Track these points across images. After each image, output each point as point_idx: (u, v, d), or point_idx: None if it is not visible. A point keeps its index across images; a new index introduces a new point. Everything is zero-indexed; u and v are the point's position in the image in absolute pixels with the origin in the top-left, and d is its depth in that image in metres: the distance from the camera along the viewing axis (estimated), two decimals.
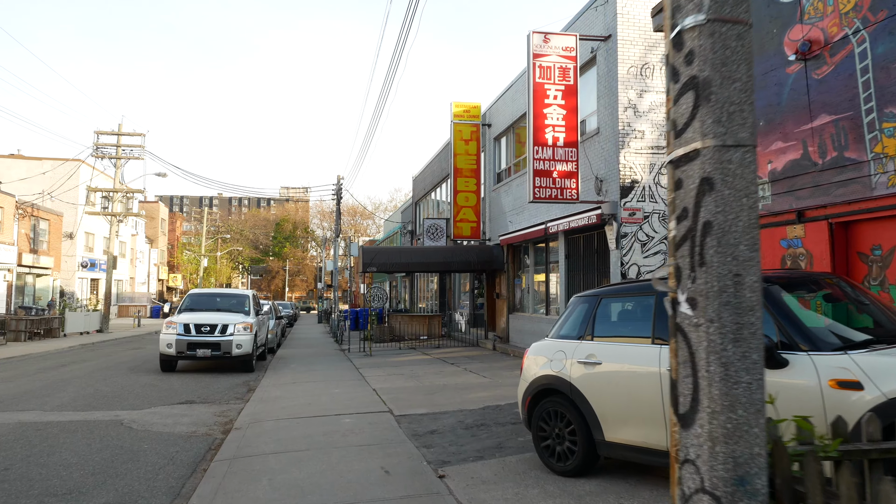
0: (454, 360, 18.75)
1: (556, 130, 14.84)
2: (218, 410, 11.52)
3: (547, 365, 6.42)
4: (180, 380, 15.72)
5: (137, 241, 72.45)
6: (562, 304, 17.77)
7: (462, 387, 13.09)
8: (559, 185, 14.75)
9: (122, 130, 40.42)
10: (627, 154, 14.75)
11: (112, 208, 40.59)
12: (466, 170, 24.76)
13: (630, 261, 14.58)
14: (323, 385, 14.17)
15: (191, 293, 19.64)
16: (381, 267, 22.20)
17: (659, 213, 14.79)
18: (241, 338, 17.24)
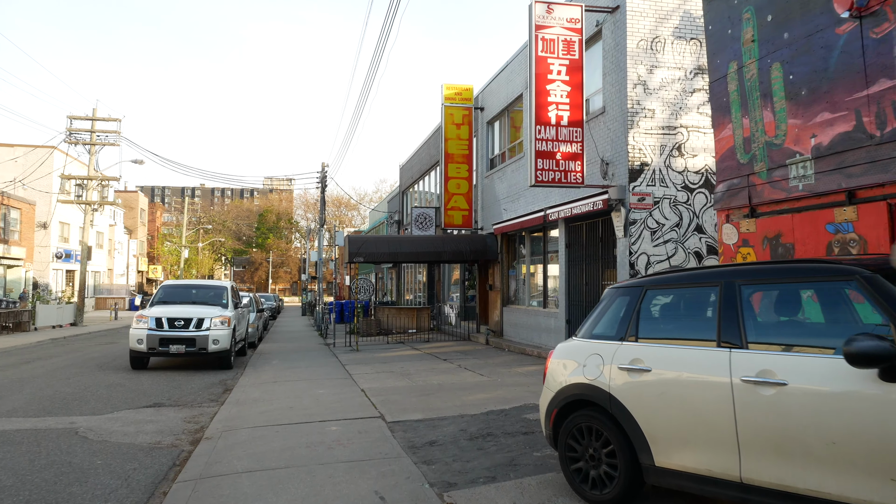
0: (446, 356, 17.62)
1: (559, 108, 13.70)
2: (189, 415, 10.31)
3: (579, 371, 5.28)
4: (151, 379, 14.48)
5: (116, 231, 70.67)
6: (562, 297, 16.69)
7: (459, 387, 11.96)
8: (563, 167, 13.62)
9: (96, 115, 38.82)
10: (636, 134, 13.64)
11: (86, 196, 39.03)
12: (458, 155, 23.59)
13: (639, 250, 13.50)
14: (306, 384, 13.00)
15: (164, 285, 18.35)
16: (368, 257, 21.02)
17: (670, 198, 13.71)
18: (218, 333, 16.01)
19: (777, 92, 8.69)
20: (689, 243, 13.74)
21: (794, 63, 8.40)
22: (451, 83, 24.04)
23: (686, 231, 13.75)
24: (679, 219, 13.74)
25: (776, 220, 8.74)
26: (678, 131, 13.86)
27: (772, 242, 8.81)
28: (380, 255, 21.26)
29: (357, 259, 20.76)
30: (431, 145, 31.55)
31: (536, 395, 10.66)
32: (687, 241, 13.73)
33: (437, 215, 29.09)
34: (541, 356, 16.70)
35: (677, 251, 13.69)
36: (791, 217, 8.49)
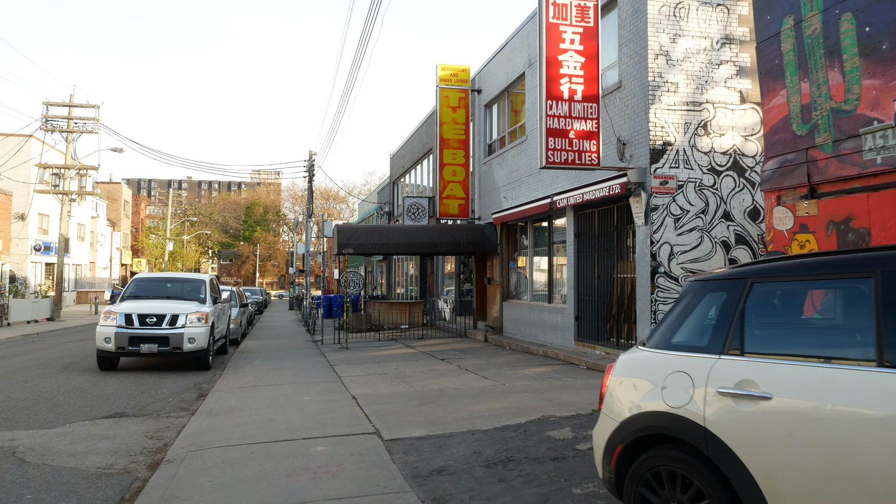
0: (444, 355, 16.24)
1: (573, 81, 12.31)
2: (152, 429, 8.89)
3: (655, 394, 3.89)
4: (118, 382, 13.03)
5: (98, 223, 68.75)
6: (570, 291, 15.33)
7: (463, 393, 10.58)
8: (577, 147, 12.24)
9: (73, 101, 37.10)
10: (658, 111, 12.27)
11: (64, 186, 37.32)
12: (454, 140, 22.16)
13: (661, 238, 12.15)
14: (290, 389, 11.58)
15: (136, 278, 16.85)
16: (358, 248, 19.58)
17: (695, 181, 12.36)
18: (195, 330, 14.55)
19: (848, 48, 7.32)
20: (715, 232, 12.40)
21: (872, 12, 7.03)
22: (446, 63, 22.60)
23: (713, 218, 12.42)
24: (705, 204, 12.39)
25: (845, 201, 7.39)
26: (704, 107, 12.50)
27: (839, 227, 7.47)
28: (371, 247, 19.85)
29: (347, 251, 19.34)
30: (424, 132, 30.10)
31: (555, 405, 9.29)
32: (713, 229, 12.40)
33: (431, 205, 27.67)
34: (546, 355, 15.36)
35: (703, 240, 12.35)
36: (866, 197, 7.14)
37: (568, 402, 9.48)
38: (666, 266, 12.13)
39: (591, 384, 11.13)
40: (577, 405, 9.16)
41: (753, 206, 12.64)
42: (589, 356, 13.92)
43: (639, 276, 12.51)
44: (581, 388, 10.81)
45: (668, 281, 12.12)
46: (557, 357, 14.86)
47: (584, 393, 10.22)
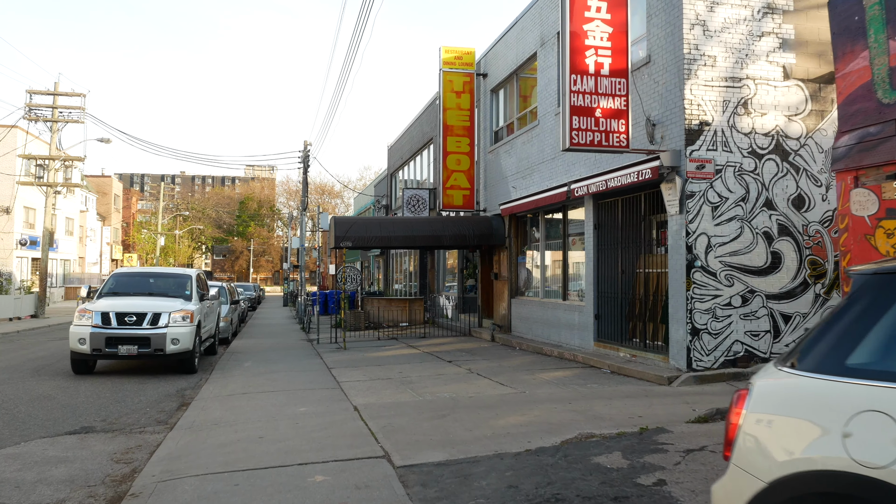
0: (450, 357, 14.99)
1: (599, 54, 11.03)
2: (122, 448, 7.60)
3: (831, 444, 2.60)
4: (92, 388, 11.73)
5: (88, 217, 67.24)
6: (589, 288, 14.08)
7: (480, 403, 9.32)
8: (604, 127, 10.97)
9: (58, 90, 35.67)
10: (695, 87, 11.01)
11: (48, 178, 35.89)
12: (458, 127, 20.86)
13: (697, 229, 10.89)
14: (284, 398, 10.31)
15: (116, 273, 15.52)
16: (357, 241, 18.28)
17: (734, 166, 11.11)
18: (179, 330, 13.25)
19: None
20: (756, 221, 11.16)
21: None
22: (449, 45, 21.33)
23: (753, 207, 11.17)
24: (745, 191, 11.14)
25: None
26: (744, 84, 11.24)
27: None
28: (370, 240, 18.55)
29: (344, 244, 18.04)
30: (425, 121, 28.79)
31: (589, 419, 8.04)
32: (754, 218, 11.15)
33: (432, 197, 26.38)
34: (563, 357, 14.11)
35: (743, 231, 11.10)
36: None
37: (604, 415, 8.22)
38: (703, 260, 10.88)
39: (621, 392, 9.88)
40: (615, 420, 7.91)
41: (798, 193, 11.40)
42: (611, 359, 12.68)
43: (671, 272, 11.26)
44: (612, 396, 9.56)
45: (706, 276, 10.87)
46: (576, 359, 13.61)
47: (619, 404, 8.97)
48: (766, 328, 11.08)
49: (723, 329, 10.90)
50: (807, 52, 11.57)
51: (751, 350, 10.99)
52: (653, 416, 8.08)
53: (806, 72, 11.54)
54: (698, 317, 10.79)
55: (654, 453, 6.12)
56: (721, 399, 9.04)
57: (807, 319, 11.30)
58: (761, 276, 11.13)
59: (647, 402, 9.08)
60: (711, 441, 6.42)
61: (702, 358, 10.77)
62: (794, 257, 11.31)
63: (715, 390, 9.88)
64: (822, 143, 11.56)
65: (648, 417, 7.97)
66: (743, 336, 10.98)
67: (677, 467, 5.65)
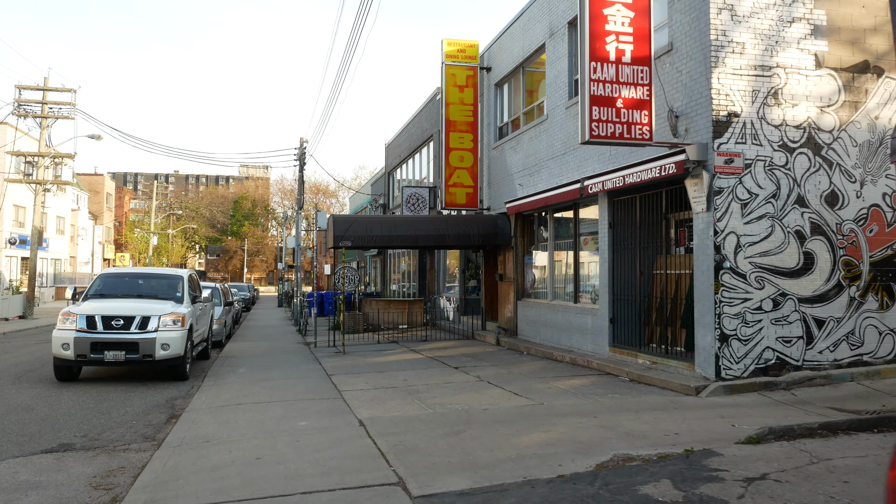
0: (456, 362, 14.24)
1: (620, 40, 10.30)
2: (102, 470, 6.82)
3: None
4: (74, 398, 10.94)
5: (79, 216, 66.25)
6: (604, 290, 13.33)
7: (497, 416, 8.56)
8: (626, 118, 10.23)
9: (48, 85, 34.77)
10: (722, 76, 10.28)
11: (37, 175, 34.98)
12: (461, 122, 20.10)
13: (726, 228, 10.16)
14: (282, 410, 9.53)
15: (102, 273, 14.71)
16: (356, 241, 17.49)
17: (764, 160, 10.38)
18: (169, 334, 12.46)
19: None
20: (788, 220, 10.43)
21: None
22: (452, 38, 20.55)
23: (785, 204, 10.44)
24: (776, 187, 10.41)
25: None
26: (774, 73, 10.52)
27: None
28: (370, 239, 17.77)
29: (344, 243, 17.26)
30: (424, 118, 28.04)
31: (621, 436, 7.28)
32: (786, 216, 10.42)
33: (432, 195, 25.63)
34: (575, 363, 13.37)
35: (773, 230, 10.36)
36: None
37: (636, 431, 7.48)
38: (731, 260, 10.14)
39: (647, 404, 9.14)
40: (651, 438, 7.16)
41: (831, 189, 10.67)
42: (630, 365, 11.94)
43: (697, 273, 10.53)
44: (639, 409, 8.82)
45: (735, 278, 10.13)
46: (590, 366, 12.87)
47: (648, 418, 8.23)
48: (799, 334, 10.35)
49: (753, 335, 10.16)
50: (839, 40, 10.86)
51: (783, 357, 10.26)
52: (690, 433, 7.34)
53: (839, 60, 10.82)
54: (727, 322, 10.05)
55: (710, 482, 5.38)
56: (760, 413, 8.32)
57: (841, 324, 10.57)
58: (793, 277, 10.40)
59: (678, 415, 8.34)
60: (772, 468, 5.67)
61: (731, 366, 10.04)
62: (827, 258, 10.59)
63: (748, 402, 9.15)
64: (855, 136, 10.85)
65: (686, 435, 7.23)
66: (774, 342, 10.25)
67: (741, 501, 4.91)
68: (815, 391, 9.72)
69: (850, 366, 10.54)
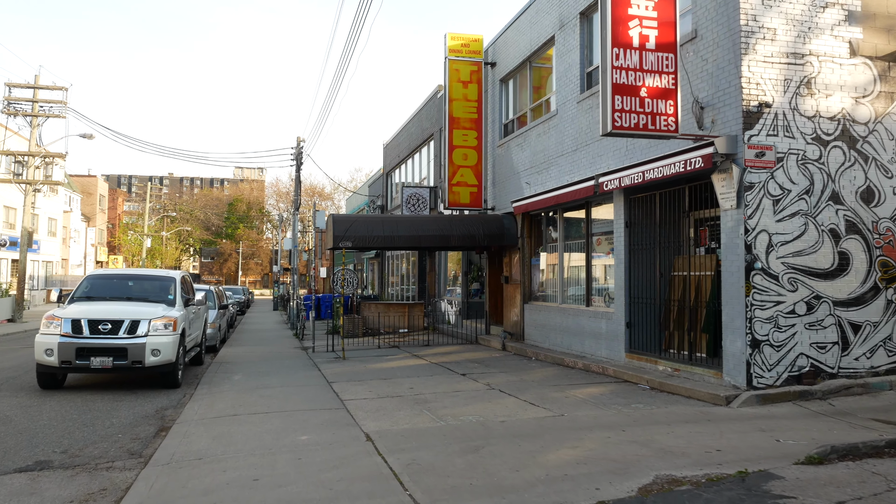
0: (462, 368, 13.54)
1: (644, 25, 9.63)
2: (81, 493, 6.10)
3: None
4: (57, 407, 10.19)
5: (72, 218, 65.30)
6: (619, 293, 12.64)
7: (516, 429, 7.85)
8: (650, 108, 9.55)
9: (38, 83, 34.00)
10: (753, 63, 9.61)
11: (27, 175, 34.18)
12: (465, 119, 19.42)
13: (757, 226, 9.48)
14: (280, 422, 8.80)
15: (90, 275, 13.96)
16: (357, 241, 16.77)
17: (797, 153, 9.71)
18: (160, 339, 11.72)
19: None
20: (821, 217, 9.77)
21: None
22: (455, 32, 19.89)
23: (818, 200, 9.78)
24: (809, 183, 9.75)
25: None
26: (806, 61, 9.86)
27: None
28: (372, 240, 17.05)
29: (344, 244, 16.54)
30: (424, 117, 27.37)
31: (658, 453, 6.59)
32: (819, 213, 9.76)
33: (433, 196, 24.96)
34: (589, 369, 12.68)
35: (807, 228, 9.70)
36: None
37: (672, 447, 6.78)
38: (763, 261, 9.47)
39: (677, 415, 8.46)
40: (691, 455, 6.47)
41: (867, 185, 10.02)
42: (649, 372, 11.26)
43: (725, 275, 9.84)
44: (669, 420, 8.13)
45: (767, 280, 9.45)
46: (606, 373, 12.18)
47: (682, 431, 7.54)
48: (834, 339, 9.68)
49: (786, 340, 9.48)
50: (875, 27, 10.21)
51: (817, 364, 9.58)
52: (733, 449, 6.65)
53: (874, 48, 10.17)
54: (759, 326, 9.37)
55: None
56: (802, 426, 7.64)
57: (878, 329, 9.91)
58: (827, 279, 9.73)
59: (713, 428, 7.65)
60: (847, 495, 4.99)
61: (763, 374, 9.36)
62: (863, 258, 9.93)
63: (784, 413, 8.47)
64: (892, 129, 10.21)
65: (729, 452, 6.54)
66: (808, 348, 9.57)
67: None
68: (854, 401, 9.05)
69: (887, 373, 9.88)
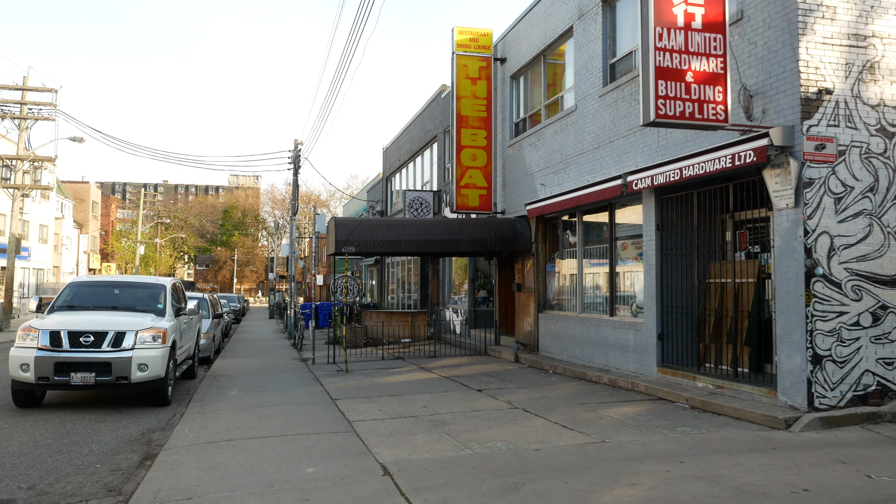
0: (476, 383, 12.48)
1: (689, 2, 8.63)
2: None
3: None
4: (32, 429, 9.10)
5: (64, 224, 64.06)
6: (651, 301, 11.58)
7: (557, 461, 6.78)
8: (696, 95, 8.54)
9: (27, 85, 32.89)
10: (811, 45, 8.61)
11: (15, 179, 33.05)
12: (474, 118, 18.39)
13: (818, 227, 8.45)
14: (282, 450, 7.72)
15: (72, 282, 12.87)
16: (361, 246, 15.68)
17: (860, 146, 8.70)
18: (148, 353, 10.64)
19: None
20: (887, 217, 8.75)
21: None
22: (463, 26, 18.91)
23: (883, 199, 8.77)
24: (874, 179, 8.74)
25: None
26: (869, 43, 8.87)
27: None
28: (377, 244, 15.96)
29: (347, 249, 15.47)
30: (427, 118, 26.36)
31: (732, 493, 5.52)
32: (885, 213, 8.75)
33: (436, 200, 23.94)
34: (616, 385, 11.63)
35: (872, 230, 8.68)
36: None
37: (749, 486, 5.73)
38: (825, 266, 8.44)
39: (733, 441, 7.40)
40: (776, 496, 5.42)
41: None
42: (687, 389, 10.20)
43: (781, 281, 8.80)
44: (729, 449, 7.07)
45: (829, 288, 8.42)
46: (636, 389, 11.13)
47: (750, 462, 6.48)
48: None
49: (850, 356, 8.45)
50: None
51: (884, 383, 8.55)
52: (822, 489, 5.60)
53: None
54: (820, 340, 8.33)
55: None
56: (886, 456, 6.59)
57: None
58: (894, 287, 8.71)
59: (785, 459, 6.60)
60: None
61: (825, 393, 8.31)
62: None
63: (856, 439, 7.44)
64: None
65: (820, 493, 5.49)
66: (874, 364, 8.54)
67: None
68: None
69: None
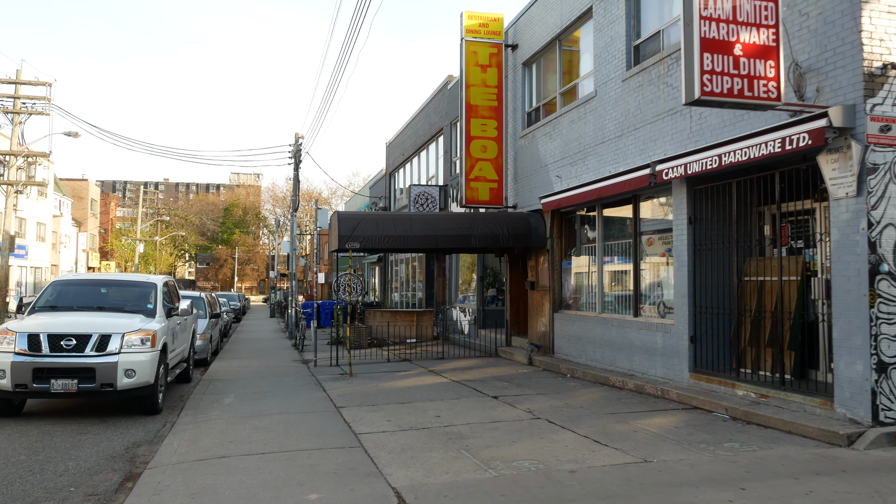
0: (491, 388, 11.58)
1: None
2: None
3: None
4: (6, 443, 8.22)
5: (62, 222, 63.18)
6: (683, 300, 10.66)
7: (598, 488, 5.87)
8: (746, 70, 7.63)
9: (21, 78, 31.99)
10: (874, 14, 7.69)
11: (8, 175, 32.16)
12: (484, 107, 17.47)
13: (883, 217, 7.53)
14: (281, 468, 6.80)
15: (56, 281, 11.94)
16: (366, 242, 14.76)
17: None
18: (135, 357, 9.74)
19: None
20: None
21: None
22: (472, 10, 17.98)
23: None
24: None
25: None
26: None
27: None
28: (383, 240, 15.04)
29: (351, 245, 14.55)
30: (432, 111, 25.45)
31: None
32: None
33: (443, 195, 23.05)
34: (644, 391, 10.72)
35: None
36: None
37: None
38: (890, 263, 7.52)
39: (797, 462, 6.49)
40: None
41: None
42: (726, 398, 9.29)
43: (839, 279, 7.89)
44: (793, 471, 6.15)
45: (894, 286, 7.51)
46: (666, 396, 10.21)
47: (821, 489, 5.58)
48: None
49: None
50: None
51: None
52: None
53: None
54: (886, 345, 7.42)
55: None
56: None
57: None
58: None
59: (861, 486, 5.70)
60: None
61: (892, 406, 7.40)
62: None
63: None
64: None
65: None
66: None
67: None
68: None
69: None
